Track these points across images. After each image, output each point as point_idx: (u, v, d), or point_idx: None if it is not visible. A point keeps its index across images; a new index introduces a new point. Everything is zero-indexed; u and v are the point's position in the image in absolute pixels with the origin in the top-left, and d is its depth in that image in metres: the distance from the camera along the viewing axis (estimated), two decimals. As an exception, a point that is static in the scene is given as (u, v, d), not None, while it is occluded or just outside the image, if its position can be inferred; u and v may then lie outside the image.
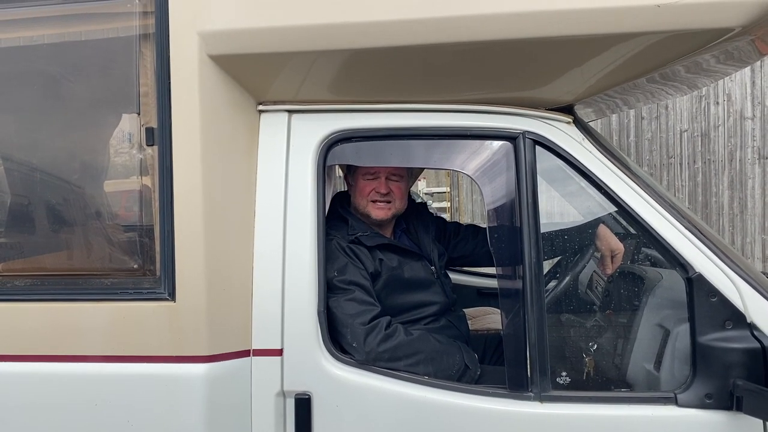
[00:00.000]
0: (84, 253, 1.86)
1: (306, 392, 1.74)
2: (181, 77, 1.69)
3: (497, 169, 1.92)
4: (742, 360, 1.61)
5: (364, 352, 1.81)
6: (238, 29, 1.68)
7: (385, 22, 1.61)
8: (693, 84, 2.07)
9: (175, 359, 1.69)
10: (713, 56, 1.69)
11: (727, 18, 1.51)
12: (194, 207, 1.70)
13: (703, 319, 1.65)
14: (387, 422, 1.73)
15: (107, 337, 1.72)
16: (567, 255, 2.17)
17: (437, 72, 1.74)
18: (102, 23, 1.80)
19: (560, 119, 1.84)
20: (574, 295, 2.14)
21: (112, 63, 1.81)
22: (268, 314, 1.76)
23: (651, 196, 1.76)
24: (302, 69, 1.75)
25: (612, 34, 1.56)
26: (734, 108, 6.67)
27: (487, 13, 1.57)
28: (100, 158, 1.89)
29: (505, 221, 1.91)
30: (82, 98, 1.86)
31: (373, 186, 2.20)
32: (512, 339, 1.80)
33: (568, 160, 1.79)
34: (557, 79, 1.76)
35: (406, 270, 2.15)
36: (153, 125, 1.72)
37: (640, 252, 2.10)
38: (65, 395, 1.72)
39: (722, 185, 6.81)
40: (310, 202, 1.81)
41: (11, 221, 1.92)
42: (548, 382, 1.70)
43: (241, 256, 1.77)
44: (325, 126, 1.86)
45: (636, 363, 1.89)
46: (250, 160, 1.84)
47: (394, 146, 2.06)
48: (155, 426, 1.70)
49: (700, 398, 1.64)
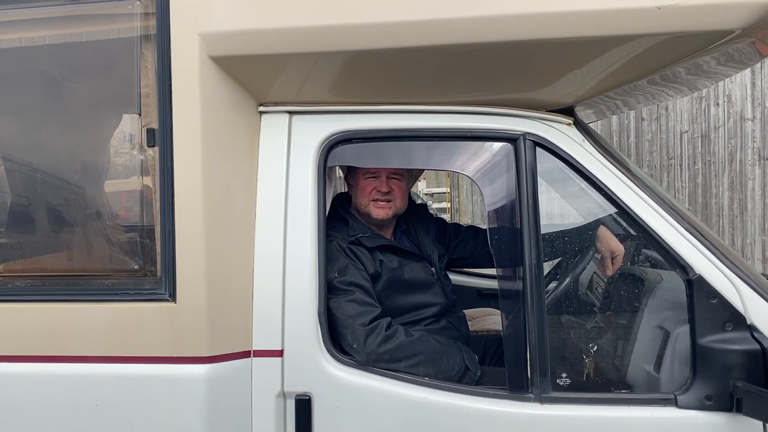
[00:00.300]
0: (84, 254, 1.86)
1: (306, 393, 1.74)
2: (182, 78, 1.69)
3: (498, 170, 1.92)
4: (742, 362, 1.61)
5: (364, 353, 1.81)
6: (239, 30, 1.68)
7: (386, 23, 1.61)
8: (693, 85, 2.07)
9: (176, 360, 1.69)
10: (713, 58, 1.69)
11: (728, 20, 1.51)
12: (195, 208, 1.70)
13: (703, 321, 1.65)
14: (387, 423, 1.73)
15: (108, 337, 1.72)
16: (567, 256, 2.17)
17: (438, 73, 1.74)
18: (103, 24, 1.80)
19: (561, 121, 1.84)
20: (574, 297, 2.14)
21: (113, 64, 1.81)
22: (269, 315, 1.76)
23: (651, 197, 1.76)
24: (303, 70, 1.75)
25: (612, 36, 1.56)
26: (734, 109, 6.67)
27: (488, 15, 1.57)
28: (101, 159, 1.89)
29: (505, 222, 1.91)
30: (83, 99, 1.86)
31: (374, 185, 2.20)
32: (512, 340, 1.80)
33: (568, 161, 1.80)
34: (558, 80, 1.76)
35: (407, 271, 2.15)
36: (154, 126, 1.72)
37: (640, 253, 2.10)
38: (66, 396, 1.72)
39: (722, 186, 6.81)
40: (310, 203, 1.81)
41: (12, 222, 1.92)
42: (548, 383, 1.70)
43: (242, 257, 1.77)
44: (326, 127, 1.87)
45: (636, 364, 1.89)
46: (251, 161, 1.84)
47: (394, 147, 2.06)
48: (156, 427, 1.70)
49: (700, 400, 1.64)
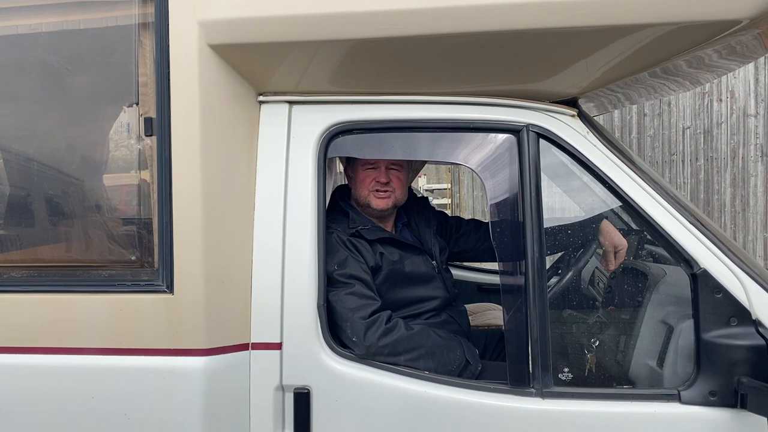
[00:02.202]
0: (81, 244, 1.84)
1: (305, 386, 1.72)
2: (181, 67, 1.67)
3: (500, 162, 1.91)
4: (747, 357, 1.60)
5: (364, 347, 1.80)
6: (239, 18, 1.65)
7: (389, 11, 1.59)
8: (695, 80, 2.05)
9: (173, 352, 1.68)
10: (716, 51, 1.67)
11: (735, 10, 1.49)
12: (193, 198, 1.68)
13: (707, 316, 1.63)
14: (387, 417, 1.71)
15: (104, 329, 1.70)
16: (570, 250, 2.15)
17: (441, 63, 1.72)
18: (101, 12, 1.78)
19: (565, 112, 1.82)
20: (576, 291, 2.13)
21: (111, 52, 1.78)
22: (268, 307, 1.74)
23: (656, 190, 1.74)
24: (304, 59, 1.73)
25: (619, 25, 1.54)
26: (737, 105, 6.64)
27: (492, 3, 1.55)
28: (98, 148, 1.87)
29: (507, 215, 1.89)
30: (79, 87, 1.83)
31: (373, 176, 2.19)
32: (514, 334, 1.78)
33: (572, 153, 1.78)
34: (563, 71, 1.74)
35: (407, 264, 2.14)
36: (152, 115, 1.70)
37: (644, 248, 2.08)
38: (62, 387, 1.70)
39: (724, 183, 6.78)
40: (310, 195, 1.79)
41: (8, 212, 1.90)
42: (550, 378, 1.69)
43: (241, 249, 1.76)
44: (327, 117, 1.84)
45: (639, 360, 1.87)
46: (250, 151, 1.82)
47: (396, 138, 2.05)
48: (153, 419, 1.68)
49: (704, 395, 1.62)
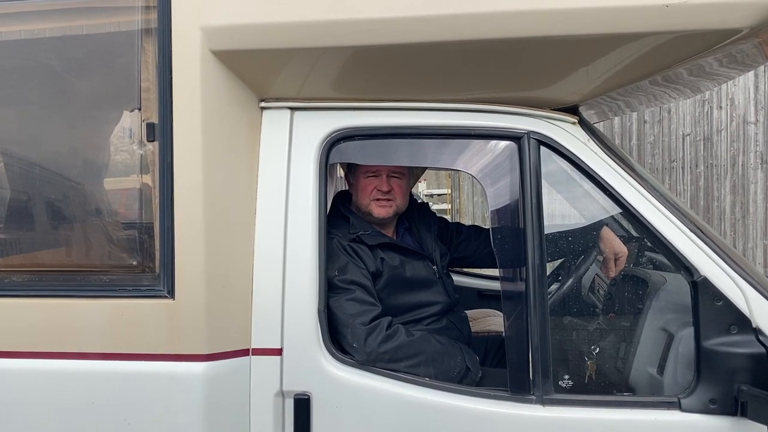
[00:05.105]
0: (82, 249, 1.84)
1: (305, 392, 1.72)
2: (183, 73, 1.67)
3: (501, 169, 1.91)
4: (747, 365, 1.60)
5: (364, 353, 1.79)
6: (241, 24, 1.66)
7: (390, 19, 1.60)
8: (696, 87, 2.05)
9: (174, 357, 1.67)
10: (716, 59, 1.68)
11: (736, 19, 1.50)
12: (195, 204, 1.68)
13: (707, 324, 1.63)
14: (387, 424, 1.71)
15: (105, 334, 1.70)
16: (570, 257, 2.15)
17: (442, 70, 1.73)
18: (104, 17, 1.79)
19: (565, 119, 1.83)
20: (577, 298, 2.13)
21: (114, 57, 1.79)
22: (268, 313, 1.74)
23: (656, 197, 1.74)
24: (305, 66, 1.73)
25: (620, 33, 1.55)
26: (737, 112, 6.65)
27: (493, 11, 1.55)
28: (100, 153, 1.87)
29: (508, 222, 1.89)
30: (82, 92, 1.84)
31: (374, 184, 2.18)
32: (514, 341, 1.78)
33: (573, 160, 1.78)
34: (564, 78, 1.74)
35: (408, 269, 2.13)
36: (154, 121, 1.70)
37: (644, 255, 2.08)
38: (62, 393, 1.70)
39: (724, 190, 6.78)
40: (311, 201, 1.80)
41: (10, 216, 1.90)
42: (550, 385, 1.69)
43: (242, 254, 1.76)
44: (328, 124, 1.85)
45: (639, 367, 1.87)
46: (252, 157, 1.82)
47: (397, 145, 2.04)
48: (153, 425, 1.68)
49: (704, 403, 1.62)
